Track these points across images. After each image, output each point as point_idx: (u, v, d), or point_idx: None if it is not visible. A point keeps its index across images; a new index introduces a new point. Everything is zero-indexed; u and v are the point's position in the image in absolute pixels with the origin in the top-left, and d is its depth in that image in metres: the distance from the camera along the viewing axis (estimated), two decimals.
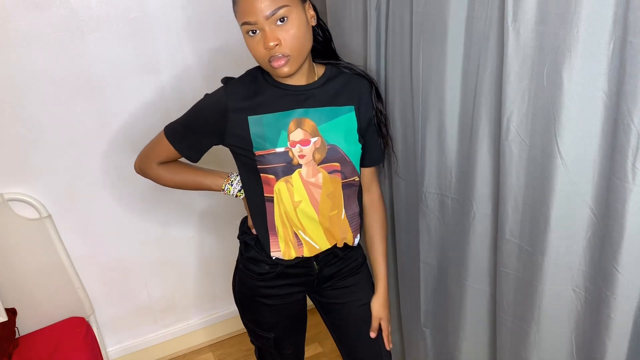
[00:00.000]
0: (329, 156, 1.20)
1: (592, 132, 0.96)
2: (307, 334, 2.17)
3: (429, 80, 1.30)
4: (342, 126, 1.21)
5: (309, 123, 1.18)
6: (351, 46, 1.67)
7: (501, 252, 1.23)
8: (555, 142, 1.01)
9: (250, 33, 1.10)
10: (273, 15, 1.07)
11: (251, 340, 1.47)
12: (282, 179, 1.19)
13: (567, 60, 0.94)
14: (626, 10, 0.84)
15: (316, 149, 1.19)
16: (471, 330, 1.46)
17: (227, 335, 2.39)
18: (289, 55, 1.10)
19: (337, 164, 1.21)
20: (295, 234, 1.24)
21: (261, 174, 1.20)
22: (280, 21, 1.08)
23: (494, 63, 1.12)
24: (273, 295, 1.32)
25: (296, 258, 1.27)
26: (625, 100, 0.87)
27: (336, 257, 1.32)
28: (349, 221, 1.28)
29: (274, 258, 1.27)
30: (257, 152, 1.18)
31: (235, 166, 1.32)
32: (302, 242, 1.25)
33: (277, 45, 1.08)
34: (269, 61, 1.11)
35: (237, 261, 1.39)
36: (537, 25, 0.99)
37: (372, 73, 1.53)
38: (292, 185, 1.19)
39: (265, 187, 1.21)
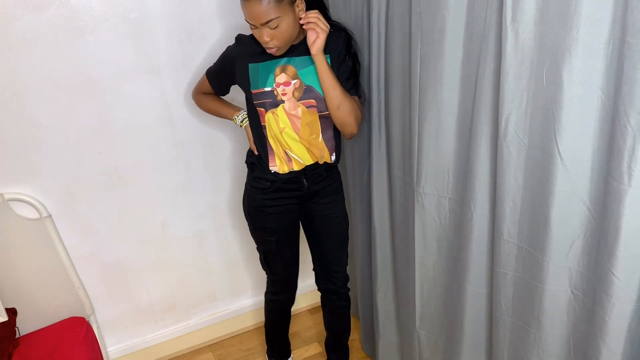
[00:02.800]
0: (305, 95, 1.56)
1: (591, 133, 0.96)
2: (307, 334, 2.26)
3: (426, 80, 1.30)
4: (316, 71, 1.52)
5: (290, 69, 1.54)
6: None
7: (499, 252, 1.23)
8: (555, 143, 1.01)
9: (252, 27, 1.45)
10: (267, 23, 1.40)
11: (257, 248, 1.84)
12: (270, 111, 1.57)
13: (567, 61, 0.94)
14: (625, 10, 0.84)
15: (295, 89, 1.55)
16: (468, 331, 1.45)
17: (227, 335, 2.39)
18: (279, 46, 1.46)
19: (313, 101, 1.56)
20: (285, 152, 1.62)
21: (257, 108, 1.60)
22: (273, 26, 1.41)
23: (492, 63, 1.12)
24: (273, 205, 1.71)
25: (290, 172, 1.65)
26: (623, 101, 0.87)
27: (320, 176, 1.70)
28: (325, 143, 1.64)
29: (272, 172, 1.66)
30: (253, 91, 1.57)
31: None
32: (291, 158, 1.63)
33: (270, 41, 1.44)
34: (264, 47, 1.48)
35: (245, 183, 1.78)
36: (536, 25, 0.99)
37: (373, 73, 1.54)
38: (278, 116, 1.57)
39: (260, 117, 1.61)
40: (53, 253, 1.89)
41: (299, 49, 1.53)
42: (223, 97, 1.79)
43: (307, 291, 2.46)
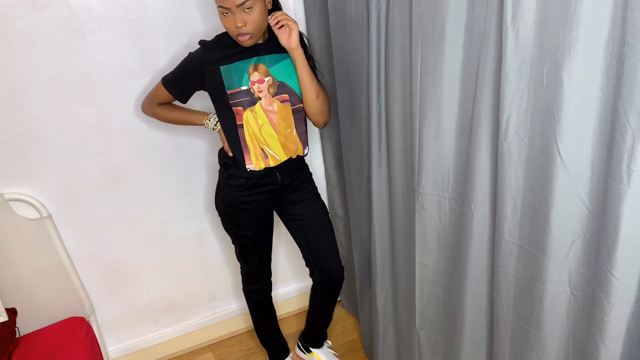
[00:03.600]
0: (279, 90, 1.64)
1: (591, 133, 0.96)
2: None
3: (426, 80, 1.30)
4: (286, 67, 1.64)
5: (261, 67, 1.62)
6: (352, 46, 1.67)
7: (500, 252, 1.23)
8: (555, 143, 1.01)
9: (224, 13, 1.49)
10: (242, 5, 1.45)
11: (233, 242, 1.89)
12: (248, 109, 1.62)
13: (567, 60, 0.94)
14: (625, 10, 0.84)
15: (269, 86, 1.62)
16: (468, 331, 1.45)
17: (227, 335, 2.39)
18: (251, 33, 1.52)
19: (286, 95, 1.65)
20: (262, 149, 1.68)
21: (233, 108, 1.62)
22: (247, 9, 1.47)
23: (492, 63, 1.12)
24: (249, 201, 1.76)
25: (265, 168, 1.70)
26: (622, 101, 0.87)
27: (292, 169, 1.77)
28: (299, 137, 1.72)
29: (248, 170, 1.70)
30: (229, 91, 1.60)
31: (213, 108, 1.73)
32: (267, 155, 1.69)
33: (243, 26, 1.48)
34: (237, 35, 1.52)
35: (219, 181, 1.80)
36: (537, 25, 0.99)
37: (373, 73, 1.54)
38: (256, 113, 1.63)
39: (236, 117, 1.64)
40: (53, 253, 1.89)
41: (266, 47, 1.61)
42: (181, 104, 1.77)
43: (306, 291, 2.46)
